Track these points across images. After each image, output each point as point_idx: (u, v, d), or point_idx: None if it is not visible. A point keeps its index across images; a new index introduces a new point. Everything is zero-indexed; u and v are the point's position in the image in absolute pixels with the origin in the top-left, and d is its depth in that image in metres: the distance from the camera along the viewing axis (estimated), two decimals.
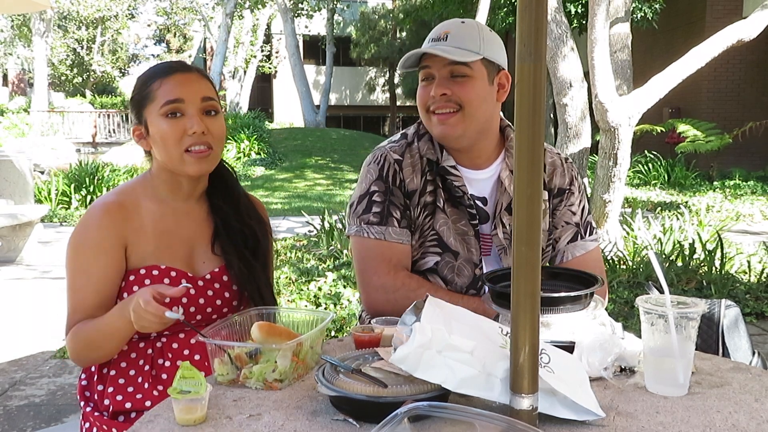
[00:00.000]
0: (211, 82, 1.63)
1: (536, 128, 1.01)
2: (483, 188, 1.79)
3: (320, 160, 16.77)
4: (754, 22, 5.60)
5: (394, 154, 1.77)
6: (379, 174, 1.75)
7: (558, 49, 6.11)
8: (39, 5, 5.62)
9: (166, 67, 1.59)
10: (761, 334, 4.29)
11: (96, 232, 1.52)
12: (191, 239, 1.62)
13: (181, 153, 1.53)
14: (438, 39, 1.71)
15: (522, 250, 1.02)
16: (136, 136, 1.60)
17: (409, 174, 1.75)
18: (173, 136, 1.52)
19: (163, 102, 1.52)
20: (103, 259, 1.52)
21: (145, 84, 1.57)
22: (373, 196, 1.74)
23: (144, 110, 1.56)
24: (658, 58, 12.22)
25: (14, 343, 4.18)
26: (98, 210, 1.55)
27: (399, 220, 1.73)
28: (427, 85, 1.72)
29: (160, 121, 1.53)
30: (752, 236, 7.64)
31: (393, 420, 0.89)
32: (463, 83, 1.68)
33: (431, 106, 1.71)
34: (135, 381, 1.56)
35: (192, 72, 1.59)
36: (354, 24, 30.79)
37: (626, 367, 1.30)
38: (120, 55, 35.70)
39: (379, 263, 1.72)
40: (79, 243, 1.54)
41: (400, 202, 1.74)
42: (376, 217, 1.73)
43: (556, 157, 1.85)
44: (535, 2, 0.99)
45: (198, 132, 1.52)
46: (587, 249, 1.84)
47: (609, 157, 5.81)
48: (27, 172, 7.64)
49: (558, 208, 1.84)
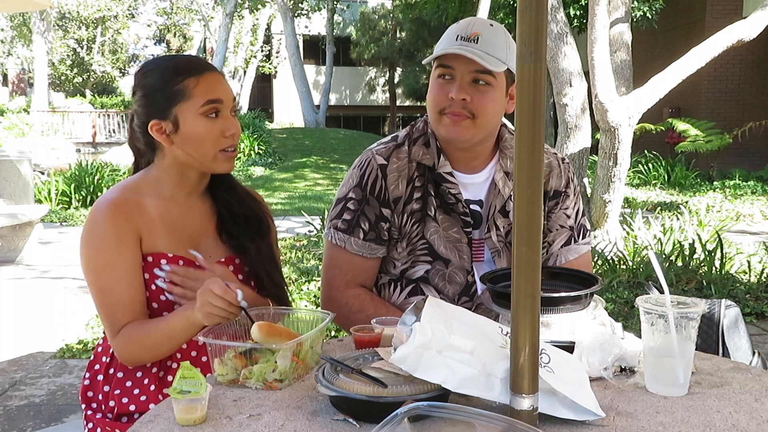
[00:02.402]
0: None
1: (536, 128, 1.01)
2: (479, 192, 1.76)
3: (320, 160, 16.78)
4: (754, 22, 5.61)
5: (380, 157, 1.72)
6: (359, 180, 1.72)
7: (558, 48, 6.11)
8: (39, 4, 5.62)
9: (195, 64, 1.57)
10: (761, 334, 4.29)
11: (112, 228, 1.49)
12: (197, 232, 1.61)
13: (215, 152, 1.54)
14: (468, 39, 1.61)
15: (522, 250, 1.02)
16: (156, 131, 1.54)
17: (394, 180, 1.71)
18: (211, 136, 1.52)
19: (204, 101, 1.51)
20: (127, 252, 1.49)
21: (175, 79, 1.52)
22: (348, 203, 1.73)
23: (175, 107, 1.52)
24: (658, 58, 12.23)
25: (14, 343, 4.18)
26: (107, 206, 1.51)
27: (366, 232, 1.71)
28: (445, 85, 1.64)
29: (198, 120, 1.52)
30: (752, 236, 7.64)
31: (393, 420, 0.89)
32: (485, 92, 1.62)
33: (446, 108, 1.64)
34: (141, 383, 1.54)
35: (217, 72, 1.59)
36: (354, 24, 30.80)
37: (626, 367, 1.30)
38: (120, 55, 35.70)
39: (335, 274, 1.74)
40: (96, 242, 1.50)
41: (374, 212, 1.71)
42: (344, 224, 1.72)
43: (552, 158, 1.82)
44: (535, 2, 0.99)
45: (236, 134, 1.56)
46: (580, 253, 1.83)
47: (609, 157, 5.82)
48: (27, 172, 7.64)
49: (553, 211, 1.81)
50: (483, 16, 9.47)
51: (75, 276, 6.04)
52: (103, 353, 1.61)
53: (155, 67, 1.57)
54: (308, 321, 1.46)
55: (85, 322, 4.54)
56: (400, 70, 30.70)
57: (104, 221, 1.50)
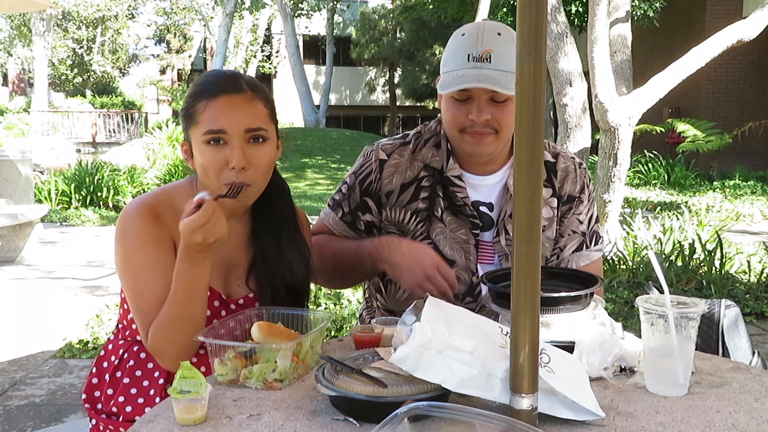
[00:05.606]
0: (265, 101, 1.50)
1: (536, 128, 1.01)
2: (490, 194, 1.76)
3: (320, 160, 16.78)
4: (754, 22, 5.60)
5: (382, 152, 1.77)
6: (357, 168, 1.82)
7: (558, 48, 6.10)
8: (39, 5, 5.63)
9: (214, 85, 1.47)
10: (761, 334, 4.29)
11: (145, 229, 1.43)
12: (229, 260, 1.54)
13: (219, 186, 1.43)
14: (481, 59, 1.58)
15: (522, 250, 1.02)
16: (184, 152, 1.52)
17: (389, 175, 1.75)
18: (214, 166, 1.43)
19: (205, 130, 1.43)
20: (162, 254, 1.43)
21: (193, 100, 1.47)
22: (343, 186, 1.84)
23: (189, 130, 1.48)
24: (658, 58, 12.22)
25: (14, 343, 4.18)
26: (138, 208, 1.46)
27: (345, 213, 1.80)
28: (463, 106, 1.63)
29: (202, 147, 1.44)
30: (752, 236, 7.64)
31: (393, 420, 0.89)
32: (503, 107, 1.61)
33: (467, 128, 1.64)
34: (147, 393, 1.51)
35: (241, 93, 1.45)
36: (354, 24, 30.80)
37: (626, 367, 1.30)
38: (120, 55, 35.69)
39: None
40: (130, 242, 1.44)
41: (356, 201, 1.79)
42: (333, 202, 1.84)
43: (569, 163, 1.81)
44: (535, 2, 0.99)
45: (238, 168, 1.42)
46: (591, 259, 1.82)
47: (609, 157, 5.81)
48: (27, 172, 7.65)
49: (566, 216, 1.80)
50: (483, 16, 9.46)
51: (75, 276, 6.05)
52: (113, 352, 1.57)
53: (193, 83, 1.53)
54: (308, 321, 1.46)
55: (85, 322, 4.54)
56: (400, 70, 30.71)
57: (137, 222, 1.45)
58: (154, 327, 1.42)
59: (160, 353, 1.45)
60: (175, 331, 1.40)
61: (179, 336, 1.40)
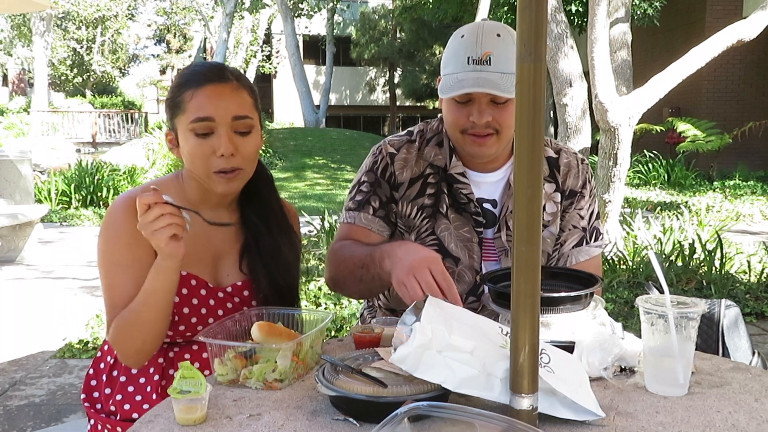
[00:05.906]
0: (250, 91, 1.53)
1: (536, 128, 1.01)
2: (493, 191, 1.77)
3: (320, 160, 16.78)
4: (754, 22, 5.60)
5: (391, 147, 1.78)
6: (372, 166, 1.79)
7: (558, 48, 6.10)
8: (39, 5, 5.63)
9: (200, 75, 1.48)
10: (761, 334, 4.29)
11: (126, 225, 1.43)
12: (218, 249, 1.56)
13: (208, 173, 1.46)
14: (480, 62, 1.59)
15: (522, 250, 1.02)
16: (169, 142, 1.53)
17: (400, 167, 1.76)
18: (201, 154, 1.45)
19: (193, 118, 1.44)
20: (138, 251, 1.43)
21: (178, 90, 1.48)
22: (361, 186, 1.78)
23: (175, 119, 1.49)
24: (658, 58, 12.23)
25: (14, 343, 4.18)
26: (123, 203, 1.47)
27: (376, 209, 1.75)
28: (464, 108, 1.64)
29: (189, 136, 1.46)
30: (752, 236, 7.64)
31: (393, 420, 0.89)
32: (504, 108, 1.62)
33: (468, 129, 1.65)
34: (144, 390, 1.52)
35: (227, 83, 1.48)
36: (354, 24, 30.80)
37: (626, 367, 1.30)
38: (120, 55, 35.72)
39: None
40: (111, 237, 1.46)
41: (385, 194, 1.76)
42: (355, 203, 1.77)
43: (572, 158, 1.82)
44: (535, 2, 0.99)
45: (226, 155, 1.44)
46: (591, 255, 1.82)
47: (609, 157, 5.81)
48: (27, 172, 7.65)
49: (567, 211, 1.81)
50: (483, 15, 9.47)
51: (75, 276, 6.05)
52: (109, 352, 1.58)
53: (178, 74, 1.54)
54: (308, 321, 1.46)
55: (85, 322, 4.54)
56: (400, 70, 30.71)
57: (119, 218, 1.46)
58: (115, 322, 1.44)
59: (117, 349, 1.47)
60: (129, 330, 1.42)
61: (132, 336, 1.42)
